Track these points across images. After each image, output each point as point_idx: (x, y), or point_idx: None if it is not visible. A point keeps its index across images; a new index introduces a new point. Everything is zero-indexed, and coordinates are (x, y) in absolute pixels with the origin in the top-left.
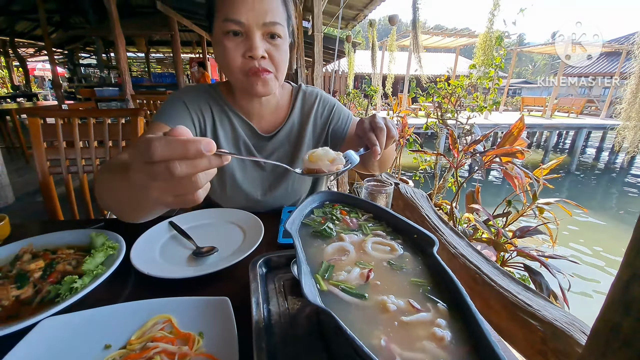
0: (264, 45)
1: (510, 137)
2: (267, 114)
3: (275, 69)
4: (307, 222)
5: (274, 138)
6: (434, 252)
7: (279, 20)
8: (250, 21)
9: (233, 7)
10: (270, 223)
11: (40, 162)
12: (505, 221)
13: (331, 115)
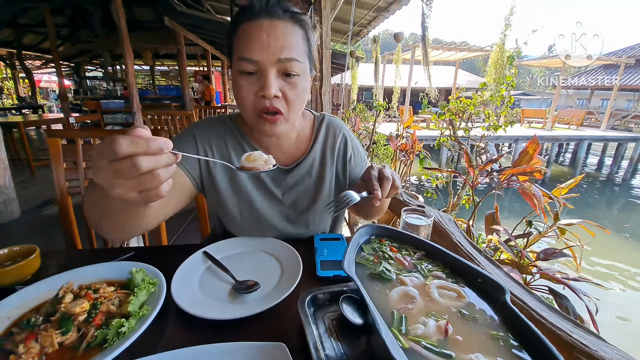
0: (278, 83)
1: (525, 156)
2: (287, 146)
3: (288, 108)
4: (360, 261)
5: (294, 171)
6: (507, 302)
7: (296, 56)
8: (264, 59)
9: (247, 45)
10: (301, 250)
11: (60, 183)
12: (526, 242)
13: (351, 154)
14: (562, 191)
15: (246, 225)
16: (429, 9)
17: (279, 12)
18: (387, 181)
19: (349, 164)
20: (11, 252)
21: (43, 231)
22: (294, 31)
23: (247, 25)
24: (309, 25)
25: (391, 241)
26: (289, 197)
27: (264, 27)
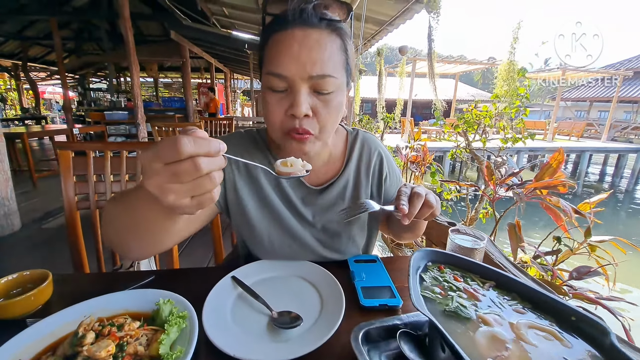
0: (309, 100)
1: (549, 169)
2: (318, 165)
3: (320, 128)
4: (426, 294)
5: (326, 193)
6: (614, 344)
7: (331, 72)
8: (295, 75)
9: (277, 59)
10: (335, 273)
11: (69, 198)
12: (555, 259)
13: (387, 174)
14: (588, 206)
15: (275, 249)
16: (435, 22)
17: (314, 21)
18: (418, 198)
19: (384, 184)
20: (21, 277)
21: (44, 245)
22: (329, 42)
23: (278, 36)
24: (347, 34)
25: (452, 269)
26: (321, 220)
27: (296, 37)
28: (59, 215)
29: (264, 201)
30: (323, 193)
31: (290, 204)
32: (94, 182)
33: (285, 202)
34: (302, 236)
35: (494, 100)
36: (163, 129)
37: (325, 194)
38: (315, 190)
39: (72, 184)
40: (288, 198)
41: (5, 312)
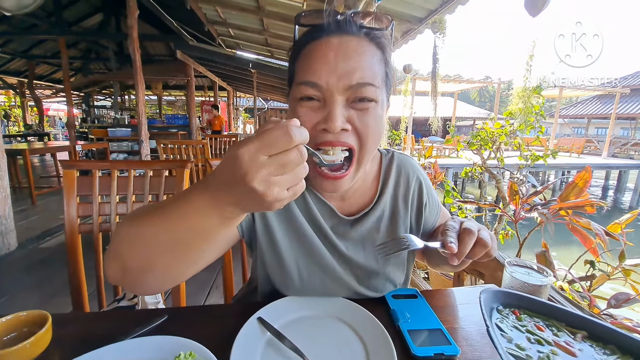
0: (346, 113)
1: (574, 188)
2: (350, 192)
3: (360, 144)
4: (514, 352)
5: (361, 223)
6: None
7: (371, 81)
8: (331, 84)
9: (310, 66)
10: (370, 309)
11: (71, 219)
12: (590, 285)
13: (427, 201)
14: (618, 227)
15: (305, 283)
16: (441, 41)
17: (353, 29)
18: (469, 235)
19: (424, 213)
20: (16, 320)
21: (40, 266)
22: (369, 50)
23: (311, 46)
24: (388, 46)
25: (529, 314)
26: (355, 254)
27: (332, 44)
28: (56, 235)
29: (293, 227)
30: (356, 225)
31: (322, 232)
32: (98, 203)
33: (317, 230)
34: (335, 270)
35: (507, 117)
36: (169, 146)
37: (359, 226)
38: (347, 221)
39: (74, 204)
40: (320, 226)
41: None
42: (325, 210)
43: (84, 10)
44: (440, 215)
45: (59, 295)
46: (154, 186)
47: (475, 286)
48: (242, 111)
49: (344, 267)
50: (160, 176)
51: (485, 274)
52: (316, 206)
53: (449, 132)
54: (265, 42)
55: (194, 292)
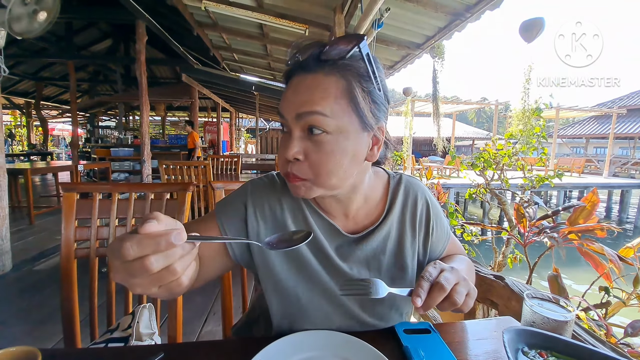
0: (302, 144)
1: (582, 211)
2: (354, 209)
3: (314, 174)
4: None
5: (366, 242)
6: None
7: (318, 109)
8: (287, 114)
9: (280, 104)
10: (382, 347)
11: (67, 244)
12: (605, 313)
13: (434, 225)
14: (630, 251)
15: (304, 310)
16: (440, 66)
17: (312, 65)
18: (439, 291)
19: (431, 237)
20: (5, 355)
21: (32, 290)
22: (324, 82)
23: (288, 82)
24: (357, 73)
25: (557, 356)
26: (359, 275)
27: (292, 84)
28: (51, 257)
29: (292, 253)
30: (361, 243)
31: (324, 254)
32: (97, 227)
33: (318, 253)
34: (337, 295)
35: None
36: (170, 167)
37: (364, 245)
38: (352, 240)
39: (72, 228)
40: (321, 248)
41: None
42: (329, 229)
43: (94, 36)
44: (450, 243)
45: (50, 323)
46: (154, 209)
47: (490, 319)
48: (244, 132)
49: (346, 302)
50: (161, 199)
51: (499, 304)
52: (320, 228)
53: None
54: (268, 66)
55: (190, 319)
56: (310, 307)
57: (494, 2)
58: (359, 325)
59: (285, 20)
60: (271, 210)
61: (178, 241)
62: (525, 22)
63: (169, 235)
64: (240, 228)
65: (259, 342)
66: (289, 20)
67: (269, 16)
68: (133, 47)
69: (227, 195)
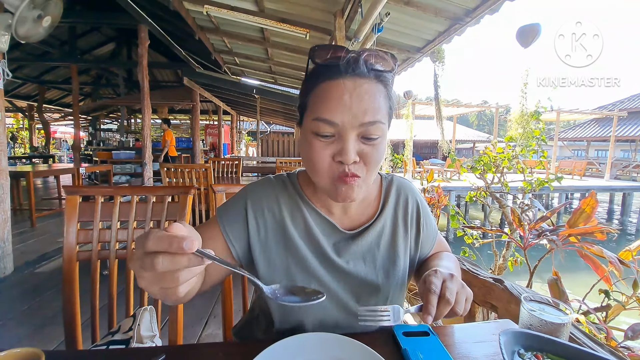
0: (357, 147)
1: (582, 214)
2: (352, 208)
3: (367, 172)
4: None
5: (361, 238)
6: None
7: (380, 118)
8: (346, 123)
9: (327, 106)
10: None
11: (69, 245)
12: (606, 316)
13: (424, 224)
14: (631, 254)
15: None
16: (440, 70)
17: (364, 71)
18: (444, 305)
19: (421, 234)
20: (10, 357)
21: (34, 292)
22: (377, 91)
23: (327, 85)
24: (391, 82)
25: (553, 358)
26: (355, 268)
27: (347, 87)
28: (53, 259)
29: (290, 250)
30: (357, 239)
31: (320, 251)
32: (99, 230)
33: (315, 250)
34: (332, 288)
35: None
36: (172, 170)
37: (359, 240)
38: (348, 236)
39: (74, 231)
40: (318, 245)
41: None
42: (327, 226)
43: (97, 40)
44: (437, 242)
45: (51, 325)
46: (156, 212)
47: (489, 322)
48: (245, 134)
49: (343, 284)
50: (163, 202)
51: (499, 307)
52: (317, 225)
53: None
54: (269, 70)
55: (190, 322)
56: (311, 308)
57: (493, 7)
58: (356, 319)
59: (287, 25)
60: (270, 210)
61: (187, 248)
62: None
63: (182, 240)
64: (242, 230)
65: (259, 343)
66: (290, 24)
67: (270, 21)
68: (135, 51)
69: (228, 200)
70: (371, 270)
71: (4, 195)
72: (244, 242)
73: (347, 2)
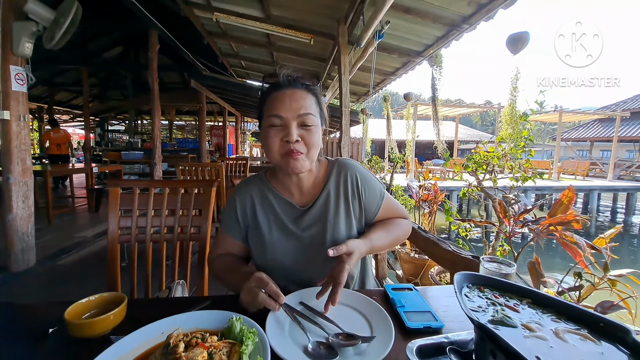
0: (298, 131)
1: (561, 206)
2: (305, 188)
3: (307, 149)
4: (473, 308)
5: (311, 210)
6: (636, 340)
7: (312, 112)
8: (288, 115)
9: (276, 106)
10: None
11: (113, 229)
12: (579, 295)
13: (364, 189)
14: (603, 241)
15: (274, 265)
16: (438, 74)
17: (297, 85)
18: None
19: (363, 199)
20: (101, 298)
21: (58, 282)
22: (307, 96)
23: (275, 94)
24: (319, 93)
25: (491, 289)
26: (309, 234)
27: (287, 94)
28: (73, 253)
29: (261, 229)
30: (309, 210)
31: (282, 225)
32: (136, 217)
33: (279, 225)
34: (290, 249)
35: (500, 142)
36: (186, 169)
37: (311, 211)
38: (302, 210)
39: (117, 217)
40: (281, 222)
41: (93, 329)
42: (287, 206)
43: (106, 43)
44: (384, 208)
45: None
46: (185, 202)
47: None
48: (249, 135)
49: (298, 247)
50: (190, 193)
51: None
52: (279, 206)
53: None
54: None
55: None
56: (275, 265)
57: (488, 14)
58: (308, 271)
59: (292, 31)
60: (248, 202)
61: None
62: (511, 35)
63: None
64: (236, 223)
65: None
66: (295, 30)
67: (276, 27)
68: (143, 54)
69: (223, 210)
70: (319, 233)
71: (28, 192)
72: (241, 232)
73: (349, 9)
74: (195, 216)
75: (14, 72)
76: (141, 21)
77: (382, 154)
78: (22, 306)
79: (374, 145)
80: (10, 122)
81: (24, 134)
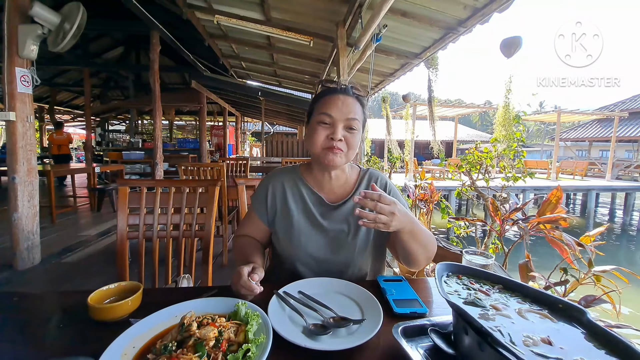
0: (342, 132)
1: (549, 205)
2: (336, 187)
3: (347, 149)
4: (450, 292)
5: (340, 208)
6: (590, 319)
7: (357, 117)
8: (337, 116)
9: (327, 106)
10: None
11: (122, 226)
12: (565, 290)
13: (390, 194)
14: (589, 239)
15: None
16: (434, 75)
17: (350, 93)
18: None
19: None
20: (118, 287)
21: (63, 279)
22: (356, 104)
23: (329, 97)
24: (365, 103)
25: (468, 277)
26: (334, 229)
27: (340, 99)
28: (76, 251)
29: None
30: (338, 208)
31: (311, 216)
32: (144, 214)
33: (307, 215)
34: (316, 240)
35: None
36: (189, 168)
37: (339, 210)
38: (332, 206)
39: (125, 215)
40: (310, 212)
41: (113, 313)
42: (317, 199)
43: (107, 44)
44: None
45: None
46: (190, 201)
47: None
48: (249, 135)
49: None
50: (195, 192)
51: None
52: (309, 198)
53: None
54: (274, 73)
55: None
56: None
57: (484, 18)
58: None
59: (292, 33)
60: (279, 189)
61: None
62: (504, 40)
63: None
64: (264, 207)
65: (280, 285)
66: (295, 32)
67: (276, 29)
68: (144, 54)
69: (256, 190)
70: (343, 231)
71: (33, 191)
72: (267, 215)
73: (348, 12)
74: (199, 214)
75: (19, 74)
76: (143, 22)
77: (382, 154)
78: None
79: (374, 145)
80: (16, 123)
81: (30, 135)
